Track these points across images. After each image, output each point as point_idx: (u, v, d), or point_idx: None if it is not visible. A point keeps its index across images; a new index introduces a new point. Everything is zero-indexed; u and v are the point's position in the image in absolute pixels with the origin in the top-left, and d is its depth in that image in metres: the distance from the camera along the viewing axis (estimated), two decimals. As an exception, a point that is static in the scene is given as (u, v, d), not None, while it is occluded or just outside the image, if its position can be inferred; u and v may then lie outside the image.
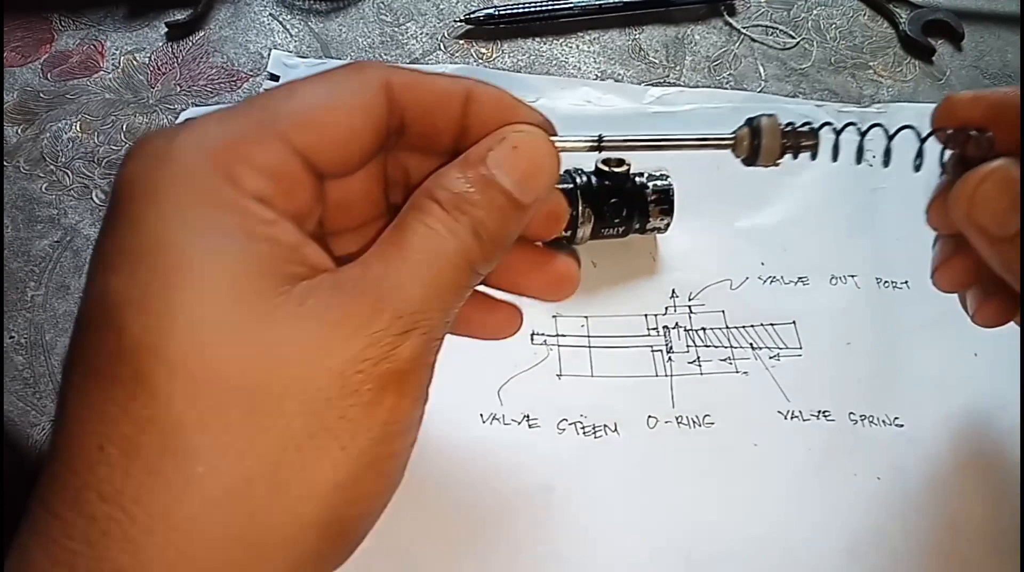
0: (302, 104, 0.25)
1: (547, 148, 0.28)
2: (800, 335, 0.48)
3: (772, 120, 0.30)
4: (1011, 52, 0.63)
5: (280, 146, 0.24)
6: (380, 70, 0.27)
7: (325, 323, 0.23)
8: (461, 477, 0.43)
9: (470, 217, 0.25)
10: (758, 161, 0.30)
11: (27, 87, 0.57)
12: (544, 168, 0.27)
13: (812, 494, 0.43)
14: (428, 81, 0.27)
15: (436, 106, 0.27)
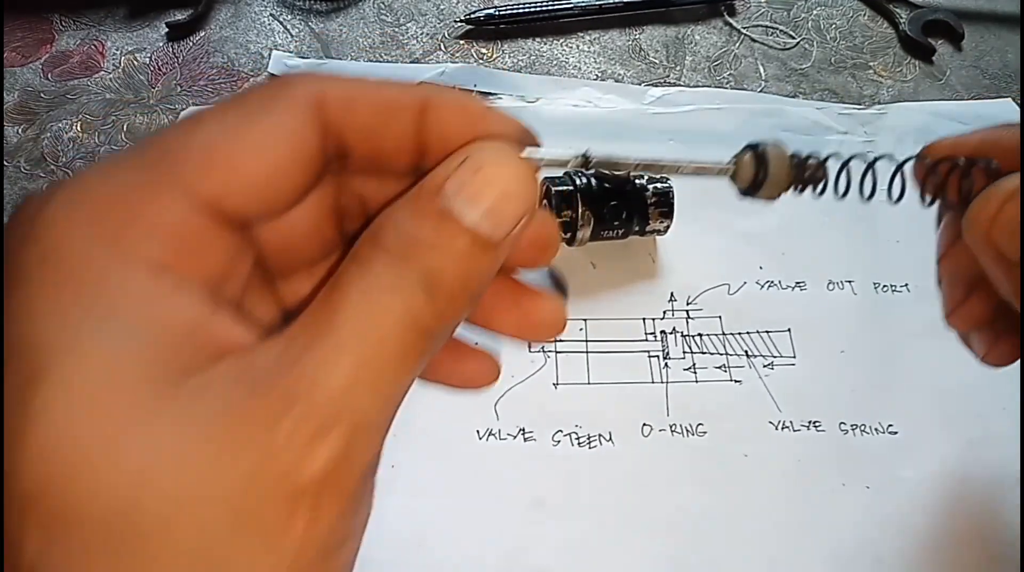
0: (206, 142, 0.21)
1: (521, 168, 0.22)
2: (795, 343, 0.48)
3: (780, 149, 0.27)
4: (1011, 52, 0.63)
5: (178, 198, 0.20)
6: (309, 85, 0.22)
7: (215, 431, 0.18)
8: (457, 494, 0.43)
9: (421, 266, 0.21)
10: (758, 193, 0.27)
11: (28, 87, 0.57)
12: (517, 194, 0.22)
13: (800, 504, 0.44)
14: (372, 92, 0.23)
15: (382, 123, 0.23)
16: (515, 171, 0.22)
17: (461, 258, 0.21)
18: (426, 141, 0.23)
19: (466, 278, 0.21)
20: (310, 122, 0.22)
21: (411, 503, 0.43)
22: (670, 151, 0.55)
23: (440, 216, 0.21)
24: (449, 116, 0.23)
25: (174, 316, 0.19)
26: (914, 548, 0.43)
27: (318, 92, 0.22)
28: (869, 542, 0.43)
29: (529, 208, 0.22)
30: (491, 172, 0.22)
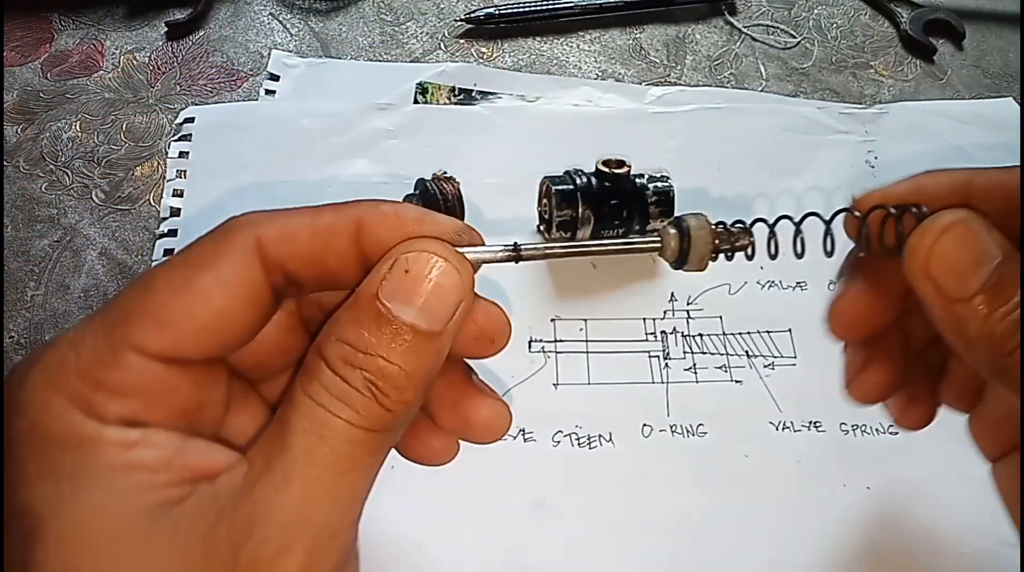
0: (155, 301, 0.23)
1: (450, 262, 0.23)
2: (795, 344, 0.48)
3: (700, 220, 0.27)
4: (1012, 52, 0.63)
5: (137, 358, 0.22)
6: (247, 232, 0.24)
7: (191, 561, 0.21)
8: (456, 495, 0.43)
9: (366, 370, 0.22)
10: (686, 266, 0.27)
11: (27, 87, 0.57)
12: (450, 286, 0.23)
13: (800, 505, 0.43)
14: (306, 226, 0.24)
15: (320, 249, 0.24)
16: (443, 265, 0.23)
17: (404, 354, 0.22)
18: (367, 253, 0.24)
19: (411, 372, 0.23)
20: (249, 267, 0.23)
21: (411, 503, 0.43)
22: (670, 154, 0.55)
23: (377, 319, 0.22)
24: (382, 229, 0.24)
25: (146, 461, 0.22)
26: (914, 548, 0.43)
27: (255, 237, 0.24)
28: (869, 542, 0.43)
29: (464, 295, 0.24)
30: (419, 270, 0.23)
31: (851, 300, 0.30)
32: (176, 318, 0.23)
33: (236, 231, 0.24)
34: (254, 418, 0.27)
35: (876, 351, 0.31)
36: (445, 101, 0.57)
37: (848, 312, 0.30)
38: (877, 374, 0.31)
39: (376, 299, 0.22)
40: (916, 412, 0.31)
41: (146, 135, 0.56)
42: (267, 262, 0.24)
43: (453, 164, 0.50)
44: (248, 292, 0.23)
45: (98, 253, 0.51)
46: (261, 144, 0.54)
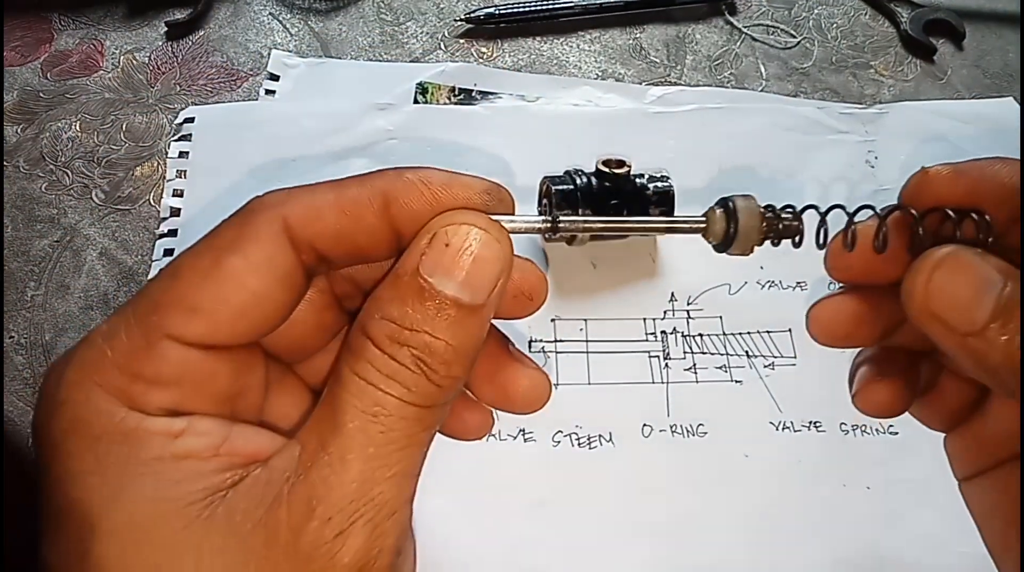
0: (186, 289, 0.23)
1: (490, 233, 0.23)
2: (796, 344, 0.48)
3: (750, 202, 0.26)
4: (1012, 51, 0.63)
5: (171, 347, 0.22)
6: (272, 212, 0.23)
7: (251, 547, 0.21)
8: (456, 496, 0.43)
9: (412, 347, 0.22)
10: (731, 249, 0.26)
11: (27, 87, 0.57)
12: (489, 258, 0.23)
13: (800, 505, 0.44)
14: (331, 202, 0.24)
15: (348, 226, 0.24)
16: (483, 236, 0.23)
17: (449, 328, 0.22)
18: (398, 226, 0.24)
19: (457, 346, 0.22)
20: (278, 248, 0.23)
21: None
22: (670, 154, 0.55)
23: (420, 295, 0.22)
24: (411, 199, 0.24)
25: (194, 449, 0.22)
26: (914, 548, 0.43)
27: (281, 217, 0.23)
28: (869, 542, 0.43)
29: (505, 266, 0.23)
30: (459, 243, 0.23)
31: (836, 303, 0.29)
32: (207, 304, 0.22)
33: (261, 212, 0.23)
34: (295, 400, 0.27)
35: (889, 362, 0.29)
36: (445, 101, 0.57)
37: (830, 316, 0.29)
38: (891, 388, 0.29)
39: (418, 275, 0.22)
40: (880, 393, 0.29)
41: (146, 135, 0.55)
42: (296, 241, 0.23)
43: (453, 164, 0.49)
44: (279, 273, 0.23)
45: (98, 253, 0.51)
46: (261, 144, 0.54)
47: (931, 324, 0.24)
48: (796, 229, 0.26)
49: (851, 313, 0.29)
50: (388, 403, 0.22)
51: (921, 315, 0.24)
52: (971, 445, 0.29)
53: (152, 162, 0.54)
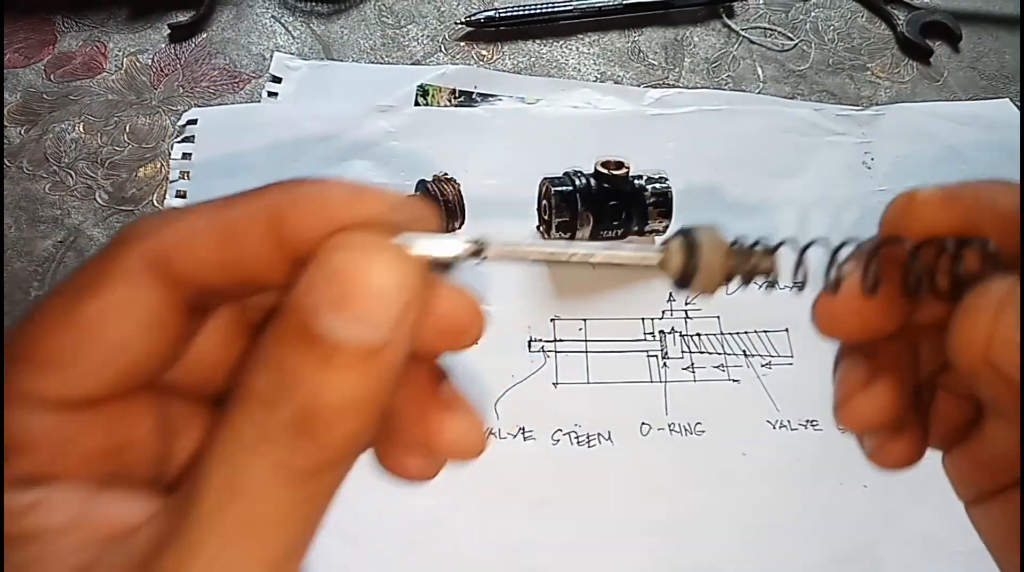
0: (39, 338, 0.19)
1: (390, 258, 0.19)
2: (792, 343, 0.49)
3: (715, 234, 0.22)
4: (1008, 53, 0.63)
5: (26, 407, 0.19)
6: (140, 244, 0.20)
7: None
8: (455, 494, 0.44)
9: (292, 404, 0.18)
10: (691, 287, 0.23)
11: (30, 88, 0.58)
12: (389, 288, 0.18)
13: (798, 503, 0.44)
14: (209, 225, 0.20)
15: (232, 256, 0.20)
16: (380, 263, 0.18)
17: (341, 377, 0.18)
18: (294, 251, 0.20)
19: (352, 397, 0.18)
20: (144, 285, 0.20)
21: (411, 501, 0.43)
22: (669, 155, 0.55)
23: (304, 337, 0.18)
24: (304, 218, 0.20)
25: (47, 525, 0.19)
26: (911, 546, 0.43)
27: (150, 249, 0.20)
28: (866, 540, 0.43)
29: (412, 297, 0.19)
30: (349, 273, 0.18)
31: (849, 293, 0.24)
32: (62, 357, 0.19)
33: (127, 244, 0.20)
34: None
35: (881, 369, 0.24)
36: (446, 103, 0.58)
37: (843, 305, 0.24)
38: (879, 397, 0.24)
39: (300, 312, 0.18)
40: (900, 447, 0.25)
41: (149, 136, 0.56)
42: (168, 277, 0.20)
43: (454, 165, 0.50)
44: (146, 316, 0.20)
45: (102, 253, 0.51)
46: (263, 145, 0.54)
47: (988, 376, 0.19)
48: (768, 268, 0.23)
49: (889, 402, 0.24)
50: (255, 474, 0.18)
51: (978, 367, 0.19)
52: (971, 467, 0.26)
53: (155, 163, 0.55)
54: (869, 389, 0.24)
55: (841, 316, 0.23)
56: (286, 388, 0.18)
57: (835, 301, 0.23)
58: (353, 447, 0.19)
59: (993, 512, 0.25)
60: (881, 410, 0.24)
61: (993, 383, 0.19)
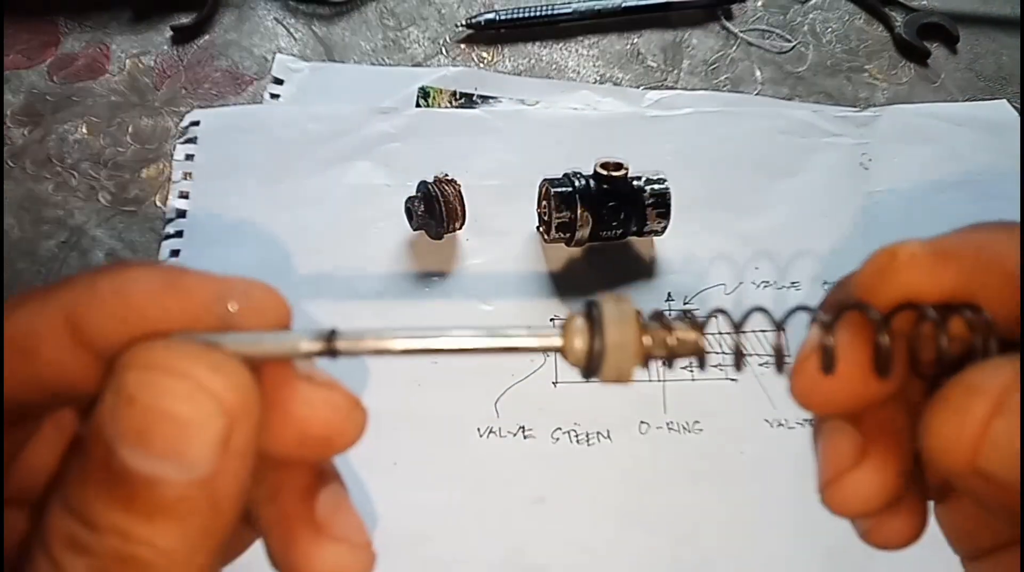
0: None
1: (196, 376, 0.15)
2: (790, 342, 0.49)
3: (623, 307, 0.18)
4: (1006, 55, 0.63)
5: None
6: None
7: None
8: (455, 492, 0.44)
9: (95, 557, 0.15)
10: (601, 373, 0.19)
11: (33, 89, 0.58)
12: (202, 412, 0.15)
13: (795, 500, 0.44)
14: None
15: (28, 371, 0.17)
16: (183, 384, 0.15)
17: (155, 523, 0.15)
18: (103, 351, 0.16)
19: (170, 547, 0.15)
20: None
21: (412, 499, 0.43)
22: (667, 157, 0.56)
23: (107, 475, 0.15)
24: (104, 322, 0.16)
25: None
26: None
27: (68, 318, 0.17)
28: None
29: (231, 417, 0.15)
30: (148, 397, 0.15)
31: (808, 371, 0.20)
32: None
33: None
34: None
35: (873, 440, 0.20)
36: (446, 105, 0.58)
37: (806, 383, 0.20)
38: (873, 477, 0.20)
39: (102, 444, 0.15)
40: (900, 524, 0.21)
41: (152, 138, 0.56)
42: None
43: (454, 166, 0.50)
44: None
45: (104, 254, 0.52)
46: (265, 147, 0.55)
47: (977, 484, 0.16)
48: (694, 345, 0.19)
49: (883, 485, 0.20)
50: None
51: (963, 473, 0.16)
52: (965, 520, 0.23)
53: (158, 164, 0.55)
54: (860, 467, 0.20)
55: (809, 393, 0.20)
56: (84, 542, 0.15)
57: (800, 378, 0.20)
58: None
59: (995, 568, 0.22)
60: (877, 492, 0.20)
61: (982, 490, 0.16)
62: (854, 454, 0.20)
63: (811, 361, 0.19)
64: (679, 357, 0.19)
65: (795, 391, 0.20)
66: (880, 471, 0.20)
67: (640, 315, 0.19)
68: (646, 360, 0.19)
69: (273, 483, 0.17)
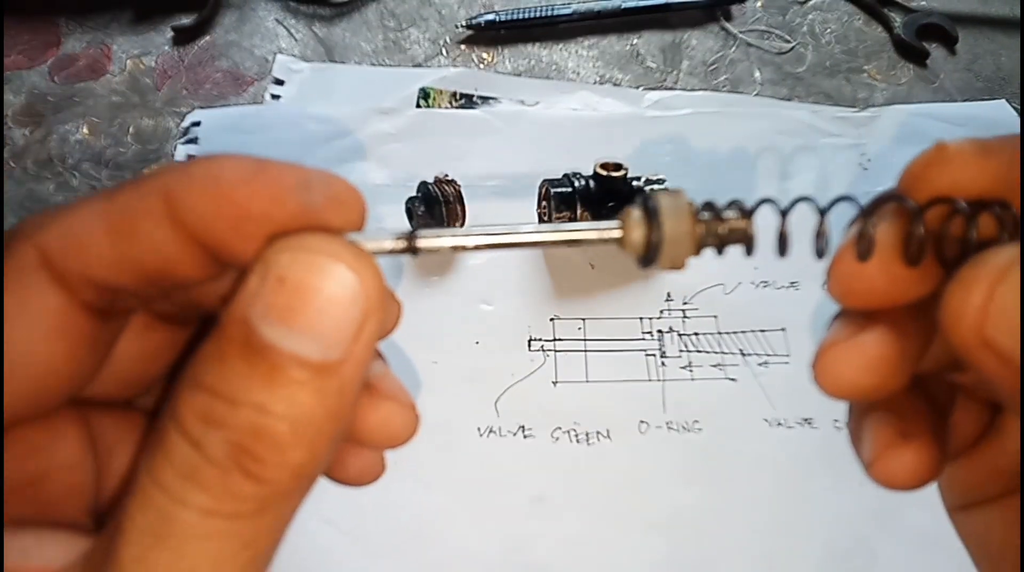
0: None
1: (344, 261, 0.16)
2: (789, 342, 0.49)
3: (678, 200, 0.19)
4: (1004, 55, 0.64)
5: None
6: (27, 245, 0.17)
7: None
8: (455, 492, 0.44)
9: (229, 429, 0.15)
10: (656, 263, 0.20)
11: (34, 90, 0.58)
12: (347, 295, 0.16)
13: (794, 500, 0.44)
14: (96, 221, 0.17)
15: (127, 250, 0.17)
16: (336, 268, 0.16)
17: (288, 398, 0.16)
18: (200, 239, 0.17)
19: (300, 422, 0.16)
20: (42, 286, 0.17)
21: (412, 499, 0.44)
22: (667, 157, 0.56)
23: (247, 352, 0.16)
24: (199, 196, 0.17)
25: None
26: (906, 543, 0.43)
27: (39, 248, 0.17)
28: (862, 537, 0.43)
29: (372, 305, 0.16)
30: (299, 277, 0.16)
31: (854, 347, 0.20)
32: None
33: (15, 245, 0.17)
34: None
35: (910, 410, 0.21)
36: (447, 105, 0.58)
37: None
38: (920, 452, 0.21)
39: (245, 324, 0.16)
40: (909, 456, 0.21)
41: (153, 138, 0.57)
42: (63, 277, 0.17)
43: (454, 167, 0.51)
44: (47, 322, 0.17)
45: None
46: (266, 147, 0.55)
47: (984, 356, 0.17)
48: (744, 233, 0.20)
49: (878, 356, 0.20)
50: (181, 520, 0.15)
51: (971, 344, 0.17)
52: (974, 474, 0.23)
53: (159, 165, 0.55)
54: (903, 445, 0.21)
55: (846, 282, 0.20)
56: (224, 410, 0.15)
57: (838, 266, 0.20)
58: (301, 481, 0.16)
59: (987, 519, 0.22)
60: (923, 464, 0.21)
61: (989, 363, 0.17)
62: (893, 433, 0.21)
63: (849, 250, 0.20)
64: (729, 245, 0.20)
65: (832, 278, 0.21)
66: (920, 451, 0.21)
67: (693, 206, 0.20)
68: (699, 249, 0.20)
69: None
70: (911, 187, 0.20)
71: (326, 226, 0.17)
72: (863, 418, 0.22)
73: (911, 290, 0.20)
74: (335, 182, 0.18)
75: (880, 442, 0.21)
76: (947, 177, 0.19)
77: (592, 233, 0.19)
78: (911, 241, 0.19)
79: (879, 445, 0.21)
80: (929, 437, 0.21)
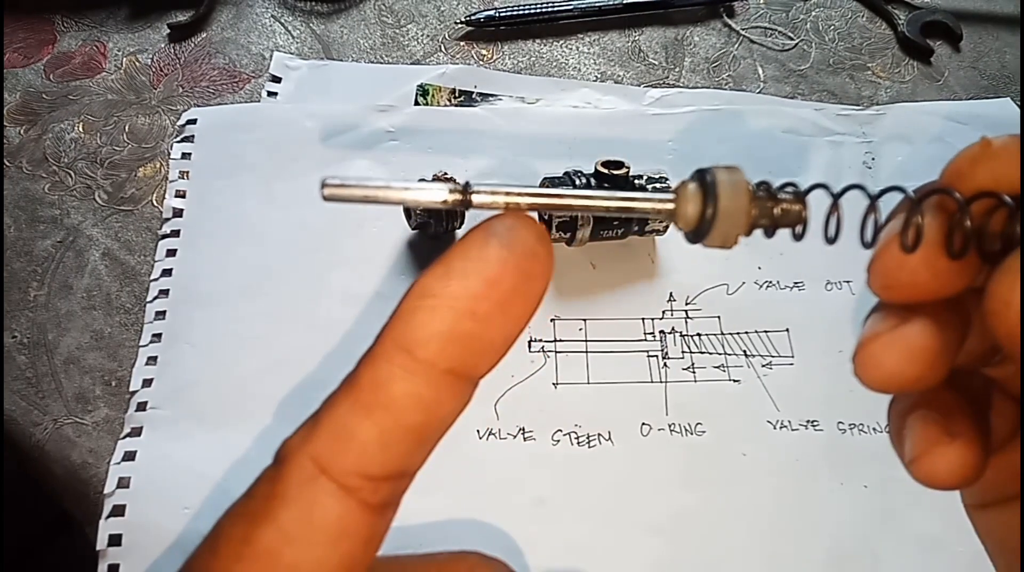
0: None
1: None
2: (793, 343, 0.48)
3: (736, 176, 0.19)
4: (1009, 53, 0.63)
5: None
6: (299, 457, 0.19)
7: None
8: (455, 494, 0.44)
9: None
10: (707, 239, 0.19)
11: (30, 88, 0.58)
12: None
13: (798, 503, 0.44)
14: (346, 415, 0.19)
15: (385, 437, 0.19)
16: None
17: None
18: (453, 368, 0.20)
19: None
20: (317, 500, 0.18)
21: (411, 502, 0.43)
22: (669, 155, 0.55)
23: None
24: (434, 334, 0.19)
25: None
26: (911, 547, 0.43)
27: (310, 457, 0.18)
28: (866, 540, 0.43)
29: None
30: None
31: (900, 338, 0.20)
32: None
33: (288, 459, 0.19)
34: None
35: (952, 406, 0.21)
36: (446, 103, 0.58)
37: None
38: (965, 450, 0.20)
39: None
40: (958, 456, 0.20)
41: (149, 136, 0.56)
42: (341, 481, 0.18)
43: (453, 165, 0.50)
44: (327, 532, 0.18)
45: (101, 253, 0.51)
46: (263, 145, 0.54)
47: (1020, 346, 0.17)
48: (798, 215, 0.20)
49: (921, 347, 0.20)
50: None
51: (1016, 333, 0.17)
52: (997, 472, 0.22)
53: (155, 163, 0.55)
54: (950, 443, 0.20)
55: (890, 273, 0.20)
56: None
57: (883, 256, 0.20)
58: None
59: (1011, 517, 0.23)
60: (968, 461, 0.20)
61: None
62: (942, 434, 0.21)
63: (895, 240, 0.20)
64: (781, 227, 0.20)
65: (875, 270, 0.21)
66: (964, 449, 0.20)
67: (750, 184, 0.19)
68: (752, 229, 0.20)
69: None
70: (955, 182, 0.19)
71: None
72: (906, 416, 0.22)
73: (951, 284, 0.19)
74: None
75: (925, 439, 0.21)
76: (991, 172, 0.19)
77: (646, 203, 0.19)
78: (957, 234, 0.19)
79: (924, 443, 0.21)
80: (974, 435, 0.20)
